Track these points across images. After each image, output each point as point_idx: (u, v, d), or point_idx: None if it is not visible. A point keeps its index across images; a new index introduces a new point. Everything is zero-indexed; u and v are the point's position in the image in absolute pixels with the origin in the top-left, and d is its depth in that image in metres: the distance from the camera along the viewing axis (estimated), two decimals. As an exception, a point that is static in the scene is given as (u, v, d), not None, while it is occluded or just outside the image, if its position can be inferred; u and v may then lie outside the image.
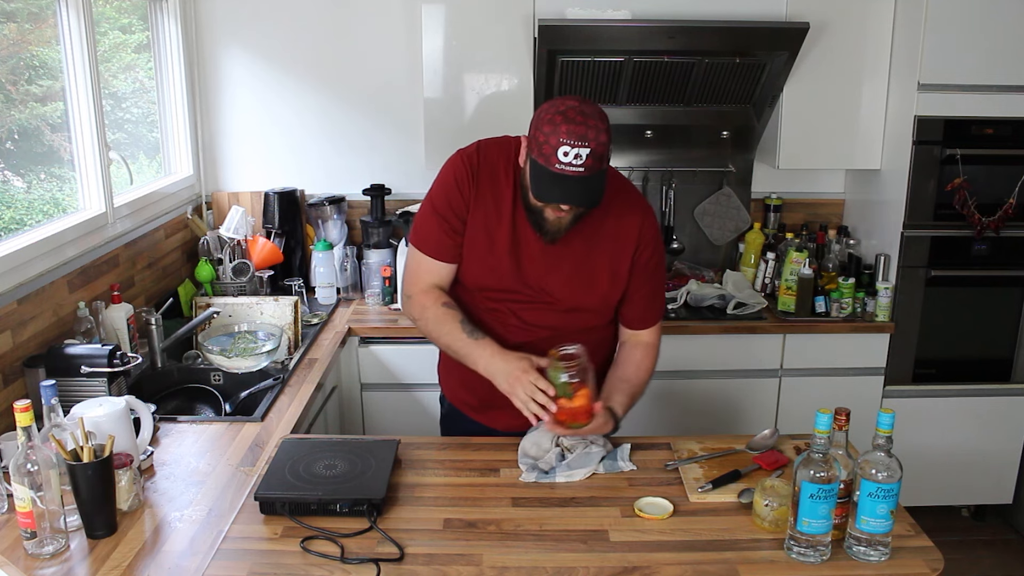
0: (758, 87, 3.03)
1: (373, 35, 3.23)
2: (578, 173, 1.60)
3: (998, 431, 3.11)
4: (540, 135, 1.62)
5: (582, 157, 1.59)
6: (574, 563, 1.47)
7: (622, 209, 1.84)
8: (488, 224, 1.82)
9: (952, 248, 2.96)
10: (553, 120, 1.61)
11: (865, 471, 1.46)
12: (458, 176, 1.83)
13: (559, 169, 1.60)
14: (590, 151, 1.59)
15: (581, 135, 1.59)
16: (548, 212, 1.71)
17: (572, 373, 1.65)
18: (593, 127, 1.61)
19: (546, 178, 1.62)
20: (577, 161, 1.59)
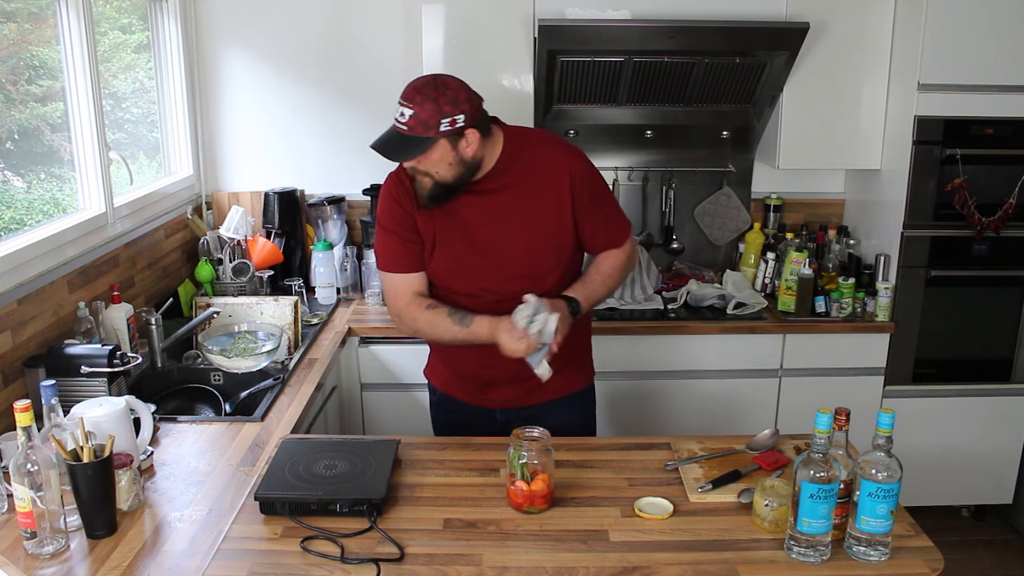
0: (758, 87, 3.03)
1: (373, 35, 3.23)
2: (399, 129, 1.79)
3: (998, 431, 3.11)
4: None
5: (405, 116, 1.78)
6: (574, 563, 1.47)
7: (544, 156, 1.94)
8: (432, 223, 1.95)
9: (952, 248, 2.96)
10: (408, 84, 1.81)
11: (865, 471, 1.46)
12: (392, 192, 1.99)
13: (393, 125, 1.81)
14: (412, 112, 1.77)
15: (408, 96, 1.79)
16: (417, 177, 1.86)
17: (533, 455, 1.61)
18: (426, 91, 1.78)
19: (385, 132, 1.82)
20: (401, 118, 1.79)
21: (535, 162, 1.93)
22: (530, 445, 1.62)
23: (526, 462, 1.61)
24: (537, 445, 1.63)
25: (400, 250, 1.97)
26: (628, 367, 2.92)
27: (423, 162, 1.83)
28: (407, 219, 1.96)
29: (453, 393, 2.15)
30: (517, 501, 1.63)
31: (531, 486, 1.61)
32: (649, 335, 2.92)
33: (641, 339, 2.92)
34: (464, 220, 1.93)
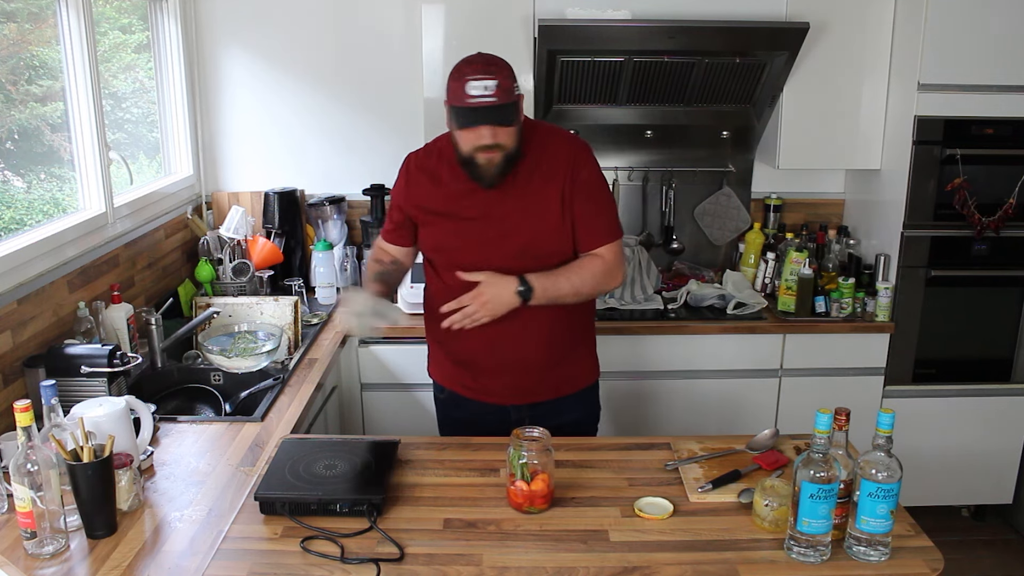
0: (758, 87, 3.03)
1: (373, 35, 3.23)
2: (490, 103, 1.80)
3: (998, 431, 3.11)
4: (451, 83, 1.84)
5: (490, 88, 1.79)
6: (574, 563, 1.47)
7: (552, 147, 2.00)
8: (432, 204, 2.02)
9: (952, 248, 2.96)
10: (458, 68, 1.84)
11: (865, 471, 1.46)
12: (398, 177, 2.10)
13: (471, 103, 1.81)
14: (496, 83, 1.80)
15: (483, 71, 1.81)
16: (480, 157, 1.87)
17: (532, 455, 1.62)
18: (494, 63, 1.84)
19: (462, 112, 1.83)
20: (487, 92, 1.80)
21: (543, 151, 1.98)
22: (530, 445, 1.62)
23: (526, 462, 1.61)
24: (537, 445, 1.63)
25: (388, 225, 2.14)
26: (628, 367, 2.92)
27: (508, 132, 1.86)
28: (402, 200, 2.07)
29: (459, 390, 2.17)
30: (517, 501, 1.63)
31: (531, 486, 1.62)
32: (649, 335, 2.92)
33: (641, 339, 2.91)
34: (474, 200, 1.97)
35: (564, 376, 2.13)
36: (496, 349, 2.05)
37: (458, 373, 2.16)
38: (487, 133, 1.83)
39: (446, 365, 2.19)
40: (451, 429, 2.24)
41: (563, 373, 2.13)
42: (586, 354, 2.20)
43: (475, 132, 1.83)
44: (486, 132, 1.83)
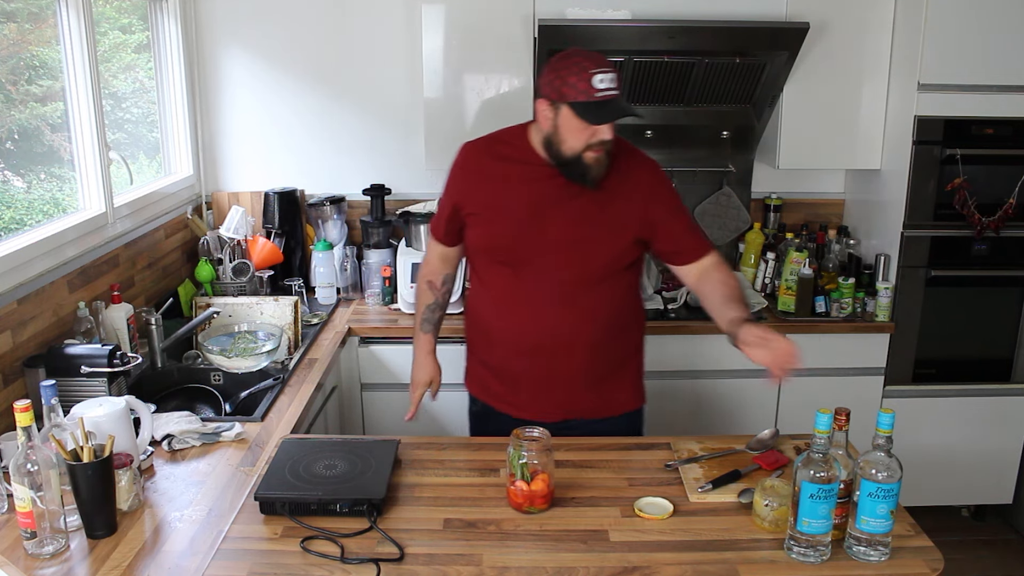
0: (758, 87, 3.03)
1: (373, 35, 3.23)
2: (616, 95, 1.78)
3: (998, 431, 3.11)
4: (571, 78, 1.77)
5: (613, 81, 1.78)
6: (574, 563, 1.47)
7: (631, 163, 1.97)
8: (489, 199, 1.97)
9: (952, 248, 2.96)
10: (576, 63, 1.78)
11: (865, 471, 1.46)
12: (454, 167, 2.05)
13: (600, 96, 1.76)
14: (615, 75, 1.79)
15: (602, 63, 1.78)
16: (588, 156, 1.83)
17: (532, 455, 1.61)
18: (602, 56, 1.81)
19: (594, 107, 1.77)
20: (612, 84, 1.77)
21: (617, 166, 1.92)
22: (530, 445, 1.62)
23: (526, 462, 1.61)
24: (537, 445, 1.63)
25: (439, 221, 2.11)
26: (628, 367, 2.92)
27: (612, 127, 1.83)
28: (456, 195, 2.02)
29: (493, 403, 2.12)
30: (517, 501, 1.63)
31: (531, 486, 1.61)
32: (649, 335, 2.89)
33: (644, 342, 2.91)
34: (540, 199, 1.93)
35: (606, 397, 2.06)
36: (538, 361, 2.00)
37: (495, 386, 2.10)
38: (608, 128, 1.80)
39: (483, 376, 2.14)
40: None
41: (605, 393, 2.06)
42: (632, 376, 2.13)
43: (591, 129, 1.79)
44: (607, 127, 1.80)
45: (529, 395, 2.04)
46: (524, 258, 1.94)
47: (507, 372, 2.06)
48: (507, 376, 2.07)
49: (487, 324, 2.07)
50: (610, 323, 2.01)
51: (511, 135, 2.01)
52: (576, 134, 1.81)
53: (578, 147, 1.83)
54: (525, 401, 2.05)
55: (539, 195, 1.93)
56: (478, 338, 2.12)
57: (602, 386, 2.05)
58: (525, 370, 2.02)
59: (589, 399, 2.05)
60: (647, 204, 1.94)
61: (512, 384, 2.06)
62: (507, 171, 1.96)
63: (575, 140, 1.82)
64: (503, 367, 2.07)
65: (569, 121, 1.80)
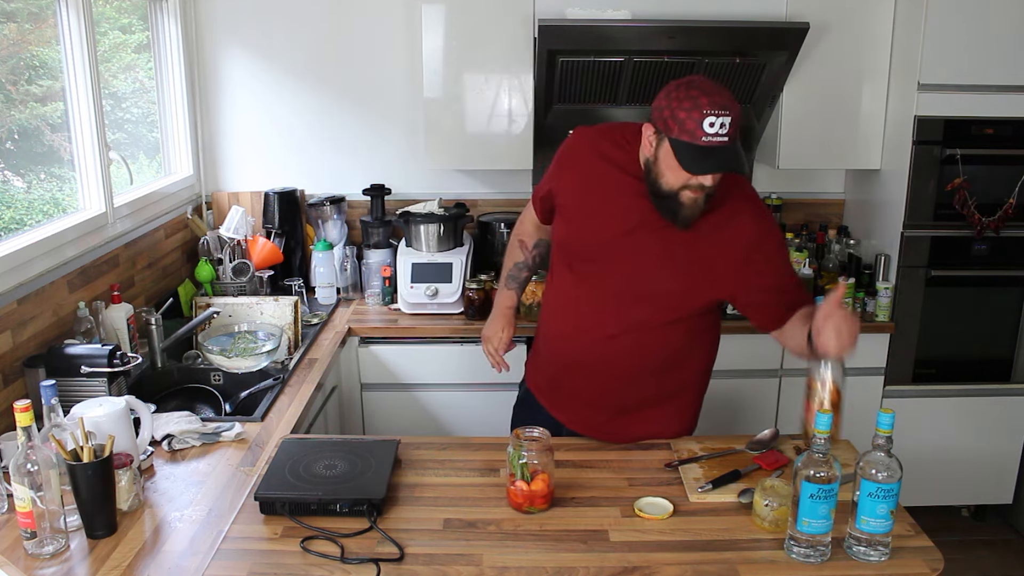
0: (758, 87, 3.03)
1: (373, 35, 3.23)
2: (724, 143, 1.61)
3: (998, 431, 3.11)
4: (680, 112, 1.61)
5: (726, 126, 1.59)
6: (574, 563, 1.47)
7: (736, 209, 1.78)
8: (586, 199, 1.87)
9: (952, 248, 2.96)
10: (690, 96, 1.61)
11: (865, 471, 1.46)
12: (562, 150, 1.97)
13: (707, 141, 1.60)
14: (731, 119, 1.60)
15: (721, 104, 1.59)
16: (685, 195, 1.69)
17: (532, 455, 1.61)
18: (727, 95, 1.62)
19: (695, 153, 1.61)
20: (723, 131, 1.59)
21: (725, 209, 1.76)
22: (530, 445, 1.62)
23: (526, 462, 1.61)
24: (537, 445, 1.63)
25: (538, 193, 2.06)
26: (628, 367, 2.92)
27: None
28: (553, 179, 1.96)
29: (533, 391, 2.11)
30: (517, 501, 1.63)
31: (531, 486, 1.61)
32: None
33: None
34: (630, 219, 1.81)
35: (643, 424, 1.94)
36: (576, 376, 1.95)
37: (540, 379, 2.09)
38: (710, 176, 1.65)
39: (536, 368, 2.13)
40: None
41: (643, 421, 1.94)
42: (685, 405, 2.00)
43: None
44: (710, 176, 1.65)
45: (563, 402, 2.03)
46: (591, 272, 1.86)
47: (549, 372, 2.06)
48: (549, 375, 2.06)
49: (543, 318, 2.07)
50: (657, 361, 1.90)
51: (625, 137, 1.86)
52: (675, 172, 1.66)
53: (675, 185, 1.68)
54: (560, 406, 2.04)
55: (630, 214, 1.80)
56: (540, 331, 2.11)
57: (640, 413, 1.95)
58: (563, 379, 2.00)
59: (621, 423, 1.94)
60: (741, 267, 1.78)
61: (552, 384, 2.06)
62: (609, 176, 1.84)
63: (673, 177, 1.68)
64: (547, 366, 2.07)
65: (669, 157, 1.65)
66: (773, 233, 1.82)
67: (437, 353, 2.86)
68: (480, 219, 3.26)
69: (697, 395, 2.04)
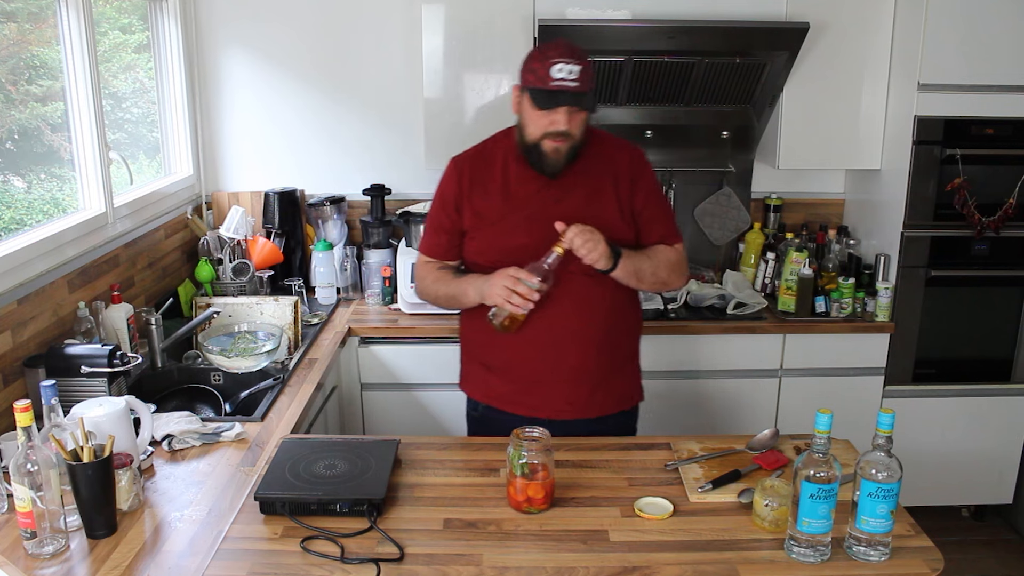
0: (758, 87, 3.03)
1: (373, 35, 3.23)
2: (573, 87, 1.80)
3: (998, 431, 3.11)
4: (533, 64, 1.84)
5: (574, 73, 1.79)
6: (574, 563, 1.47)
7: (611, 151, 2.01)
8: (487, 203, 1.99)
9: (952, 248, 2.96)
10: (542, 51, 1.84)
11: (865, 471, 1.46)
12: (447, 178, 2.05)
13: (556, 85, 1.80)
14: (579, 68, 1.80)
15: (570, 55, 1.80)
16: (547, 144, 1.87)
17: (533, 455, 1.61)
18: (579, 51, 1.83)
19: (544, 93, 1.81)
20: (570, 76, 1.79)
21: (602, 154, 1.98)
22: (530, 445, 1.62)
23: (526, 462, 1.61)
24: (537, 445, 1.63)
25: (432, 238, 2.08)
26: (628, 367, 2.92)
27: (580, 120, 1.86)
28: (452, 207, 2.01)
29: (497, 404, 2.09)
30: (517, 501, 1.63)
31: (531, 486, 1.61)
32: (649, 335, 2.90)
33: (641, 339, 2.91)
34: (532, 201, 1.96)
35: (611, 394, 2.08)
36: (545, 357, 2.00)
37: (498, 386, 2.08)
38: (562, 118, 1.83)
39: (483, 379, 2.11)
40: None
41: (610, 391, 2.08)
42: (632, 374, 2.16)
43: (550, 116, 1.83)
44: (562, 117, 1.82)
45: (538, 394, 2.03)
46: (525, 260, 1.92)
47: (514, 371, 2.05)
48: (514, 375, 2.05)
49: (487, 336, 2.01)
50: (616, 316, 2.04)
51: (496, 141, 2.05)
52: (535, 120, 1.86)
53: (536, 134, 1.87)
54: (534, 400, 2.04)
55: (531, 197, 1.96)
56: (479, 338, 2.10)
57: (608, 383, 2.07)
58: (533, 368, 2.02)
59: (597, 396, 2.05)
60: (623, 187, 1.99)
61: (519, 383, 2.05)
62: (499, 172, 1.99)
63: (534, 127, 1.87)
64: (509, 366, 2.05)
65: (527, 106, 1.87)
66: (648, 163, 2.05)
67: (437, 353, 2.86)
68: (480, 219, 3.26)
69: (639, 355, 2.19)
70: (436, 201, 2.07)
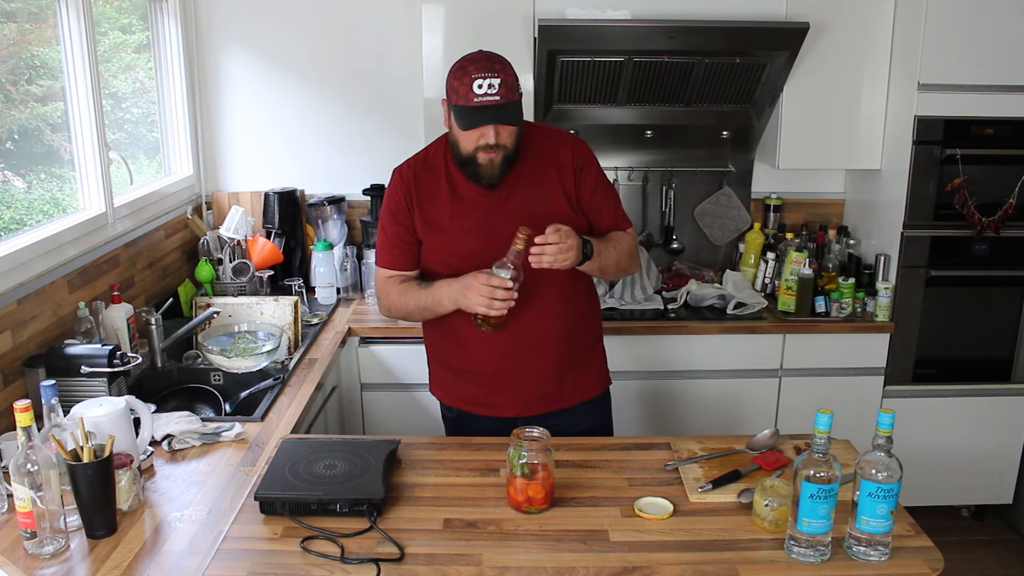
0: (758, 87, 3.03)
1: (373, 35, 3.23)
2: (495, 102, 1.79)
3: (998, 431, 3.11)
4: (454, 82, 1.82)
5: (495, 87, 1.78)
6: (574, 563, 1.47)
7: (552, 145, 2.00)
8: (436, 211, 1.98)
9: (952, 248, 2.96)
10: (462, 66, 1.82)
11: (865, 471, 1.46)
12: (394, 189, 2.02)
13: (478, 102, 1.78)
14: (500, 80, 1.79)
15: (488, 68, 1.79)
16: (480, 157, 1.86)
17: (532, 455, 1.61)
18: (498, 61, 1.82)
19: (468, 111, 1.80)
20: (492, 90, 1.78)
21: (542, 149, 1.98)
22: (530, 445, 1.62)
23: (526, 462, 1.61)
24: (537, 445, 1.63)
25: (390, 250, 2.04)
26: (628, 367, 2.92)
27: (510, 131, 1.85)
28: (404, 216, 2.00)
29: (468, 408, 2.11)
30: (517, 501, 1.63)
31: (531, 486, 1.62)
32: (649, 335, 2.92)
33: (641, 339, 2.91)
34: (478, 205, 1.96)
35: (579, 383, 2.11)
36: (511, 356, 2.01)
37: (467, 390, 2.09)
38: (491, 132, 1.82)
39: (452, 383, 2.13)
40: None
41: (578, 380, 2.10)
42: (598, 360, 2.18)
43: (478, 131, 1.82)
44: (490, 131, 1.82)
45: (508, 393, 2.05)
46: (481, 263, 1.90)
47: (481, 374, 2.06)
48: (482, 378, 2.06)
49: (454, 330, 2.03)
50: (574, 308, 2.06)
51: (436, 148, 2.03)
52: (464, 136, 1.85)
53: (468, 148, 1.86)
54: (505, 400, 2.06)
55: (477, 202, 1.96)
56: (444, 344, 2.10)
57: (575, 372, 2.09)
58: (501, 369, 2.03)
59: (566, 386, 2.08)
60: (568, 178, 1.98)
61: (488, 385, 2.06)
62: (445, 179, 1.98)
63: (465, 142, 1.86)
64: (476, 370, 2.06)
65: (451, 122, 1.86)
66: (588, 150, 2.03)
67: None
68: (480, 219, 3.26)
69: (603, 343, 2.20)
70: (386, 214, 2.02)
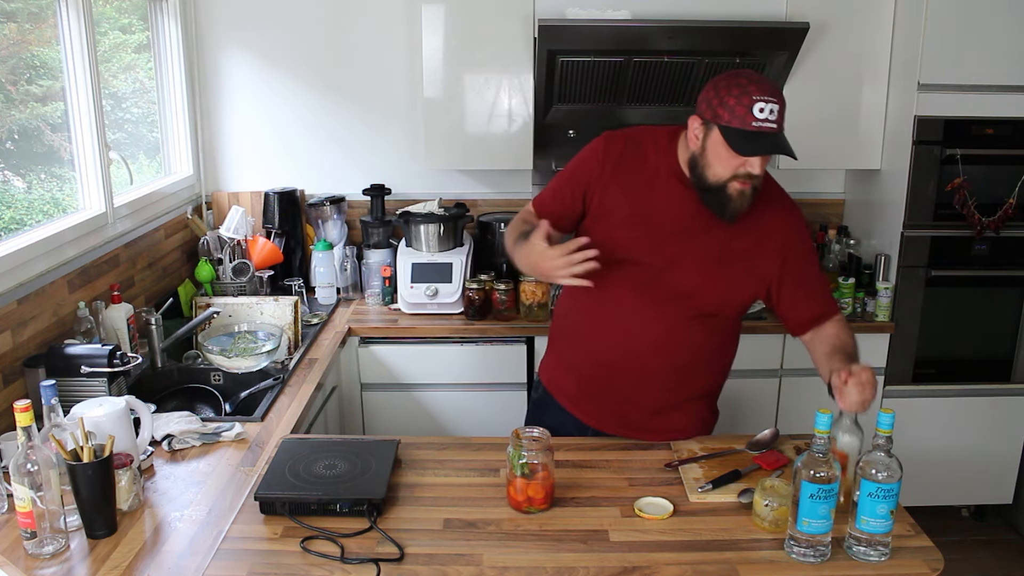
0: (758, 87, 3.02)
1: (373, 35, 3.23)
2: (772, 129, 1.64)
3: (998, 431, 3.11)
4: (730, 99, 1.64)
5: (775, 113, 1.64)
6: (574, 563, 1.47)
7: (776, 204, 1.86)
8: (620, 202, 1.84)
9: (952, 248, 2.96)
10: (738, 84, 1.65)
11: (865, 471, 1.46)
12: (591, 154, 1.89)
13: (757, 127, 1.63)
14: (779, 108, 1.64)
15: (770, 92, 1.64)
16: (733, 187, 1.71)
17: (533, 455, 1.60)
18: (774, 85, 1.67)
19: (745, 136, 1.64)
20: (772, 116, 1.63)
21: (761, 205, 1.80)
22: (530, 445, 1.62)
23: (526, 462, 1.61)
24: (537, 445, 1.63)
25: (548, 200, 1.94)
26: (628, 367, 2.92)
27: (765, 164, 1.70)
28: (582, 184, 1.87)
29: (558, 397, 2.04)
30: (517, 501, 1.63)
31: (531, 486, 1.61)
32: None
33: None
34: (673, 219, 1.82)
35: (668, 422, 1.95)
36: (615, 377, 1.92)
37: (564, 381, 2.03)
38: (757, 162, 1.67)
39: (555, 369, 2.07)
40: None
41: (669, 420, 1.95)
42: (701, 409, 2.01)
43: (742, 159, 1.67)
44: (756, 161, 1.67)
45: (594, 404, 1.99)
46: (639, 274, 1.83)
47: (581, 376, 1.99)
48: (580, 379, 2.00)
49: (576, 324, 1.97)
50: (698, 361, 1.93)
51: (658, 138, 1.87)
52: (723, 161, 1.69)
53: (724, 176, 1.70)
54: (588, 409, 2.00)
55: (674, 214, 1.81)
56: (564, 333, 2.04)
57: (669, 413, 1.96)
58: (599, 382, 1.95)
59: (653, 422, 1.95)
60: (780, 261, 1.83)
61: (582, 387, 2.00)
62: (650, 177, 1.84)
63: (721, 168, 1.70)
64: (579, 370, 2.00)
65: (718, 146, 1.68)
66: (805, 227, 1.90)
67: (437, 353, 2.86)
68: (480, 219, 3.26)
69: (718, 393, 2.07)
70: (570, 171, 1.91)
